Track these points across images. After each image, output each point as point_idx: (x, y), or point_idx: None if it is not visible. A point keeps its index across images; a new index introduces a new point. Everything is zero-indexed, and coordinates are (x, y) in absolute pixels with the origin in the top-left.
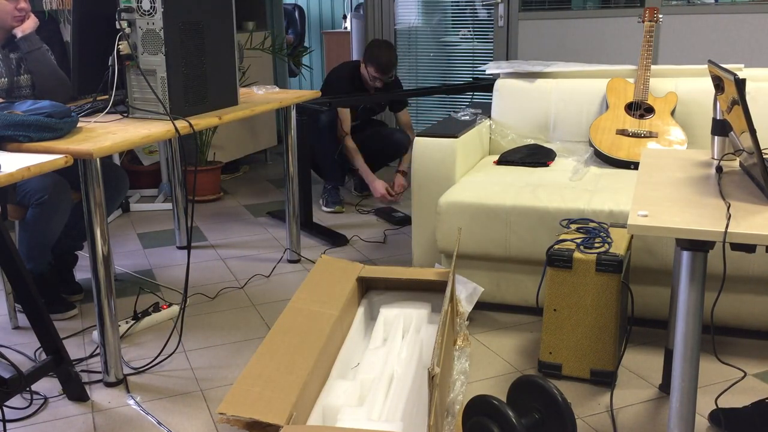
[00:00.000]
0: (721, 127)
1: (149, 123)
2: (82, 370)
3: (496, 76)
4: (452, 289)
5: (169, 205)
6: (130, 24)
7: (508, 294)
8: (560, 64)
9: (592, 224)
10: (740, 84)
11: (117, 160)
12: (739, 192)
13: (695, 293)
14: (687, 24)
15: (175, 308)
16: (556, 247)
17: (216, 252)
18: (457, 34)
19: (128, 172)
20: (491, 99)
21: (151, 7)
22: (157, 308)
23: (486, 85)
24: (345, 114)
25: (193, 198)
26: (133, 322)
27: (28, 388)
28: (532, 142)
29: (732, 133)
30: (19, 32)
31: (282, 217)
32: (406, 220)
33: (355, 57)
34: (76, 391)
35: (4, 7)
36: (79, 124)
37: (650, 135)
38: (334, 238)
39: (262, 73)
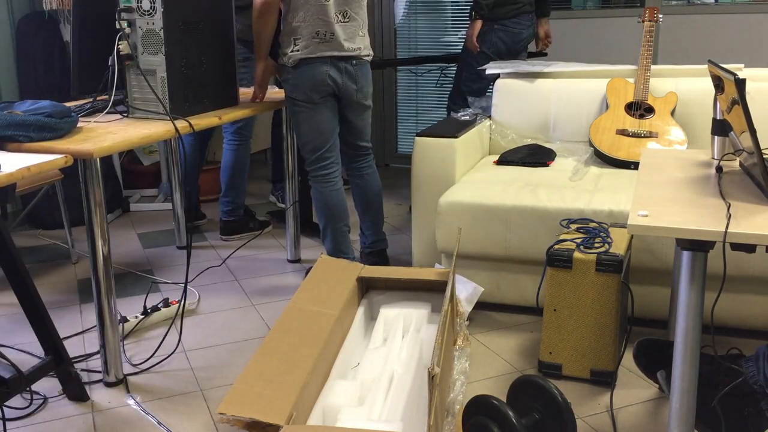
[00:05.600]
0: (721, 127)
1: (149, 123)
2: (82, 370)
3: (495, 76)
4: (452, 289)
5: (169, 205)
6: (130, 24)
7: (508, 294)
8: (560, 64)
9: (592, 224)
10: (740, 84)
11: (117, 160)
12: (739, 192)
13: (695, 293)
14: (687, 24)
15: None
16: (556, 247)
17: (216, 252)
18: (457, 35)
19: (128, 172)
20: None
21: (151, 7)
22: (167, 303)
23: None
24: None
25: None
26: (142, 317)
27: (28, 388)
28: (532, 142)
29: (732, 133)
30: None
31: (282, 217)
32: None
33: None
34: (75, 391)
35: None
36: (79, 124)
37: (650, 135)
38: None
39: None
